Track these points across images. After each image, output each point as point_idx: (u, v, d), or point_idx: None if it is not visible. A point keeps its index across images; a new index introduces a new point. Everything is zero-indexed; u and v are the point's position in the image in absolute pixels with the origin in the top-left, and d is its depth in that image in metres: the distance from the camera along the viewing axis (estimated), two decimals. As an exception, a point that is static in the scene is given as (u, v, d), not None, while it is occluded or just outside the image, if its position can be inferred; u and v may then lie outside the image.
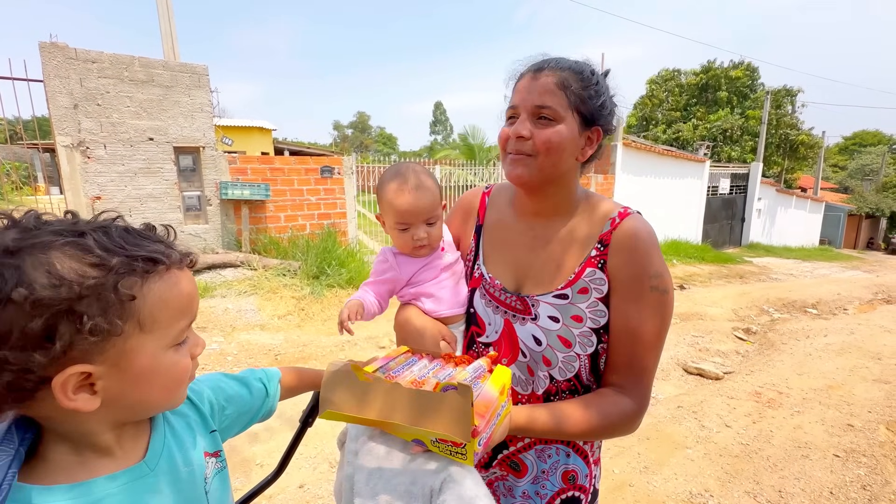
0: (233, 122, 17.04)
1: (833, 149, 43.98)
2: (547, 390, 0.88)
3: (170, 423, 0.63)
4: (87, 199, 5.21)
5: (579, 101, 0.81)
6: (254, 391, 0.79)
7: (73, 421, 0.49)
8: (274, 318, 4.83)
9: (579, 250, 0.86)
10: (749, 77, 26.21)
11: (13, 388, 0.43)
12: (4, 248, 0.43)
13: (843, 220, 22.78)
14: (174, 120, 5.66)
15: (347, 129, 67.06)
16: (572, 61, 0.84)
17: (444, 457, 0.69)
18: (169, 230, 0.57)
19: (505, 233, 0.96)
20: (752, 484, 2.46)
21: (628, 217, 0.86)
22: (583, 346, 0.85)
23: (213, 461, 0.66)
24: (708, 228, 13.74)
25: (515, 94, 0.85)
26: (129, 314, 0.47)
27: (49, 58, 4.92)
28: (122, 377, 0.49)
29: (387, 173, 0.96)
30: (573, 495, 0.92)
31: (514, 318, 0.89)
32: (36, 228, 0.46)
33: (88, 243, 0.46)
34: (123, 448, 0.55)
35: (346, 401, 0.69)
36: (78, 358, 0.45)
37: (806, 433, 2.99)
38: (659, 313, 0.81)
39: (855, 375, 3.99)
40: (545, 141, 0.80)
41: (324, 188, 7.01)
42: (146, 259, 0.48)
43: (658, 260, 0.83)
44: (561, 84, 0.80)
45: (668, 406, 3.34)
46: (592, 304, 0.84)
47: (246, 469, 2.38)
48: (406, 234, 0.93)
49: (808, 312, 6.42)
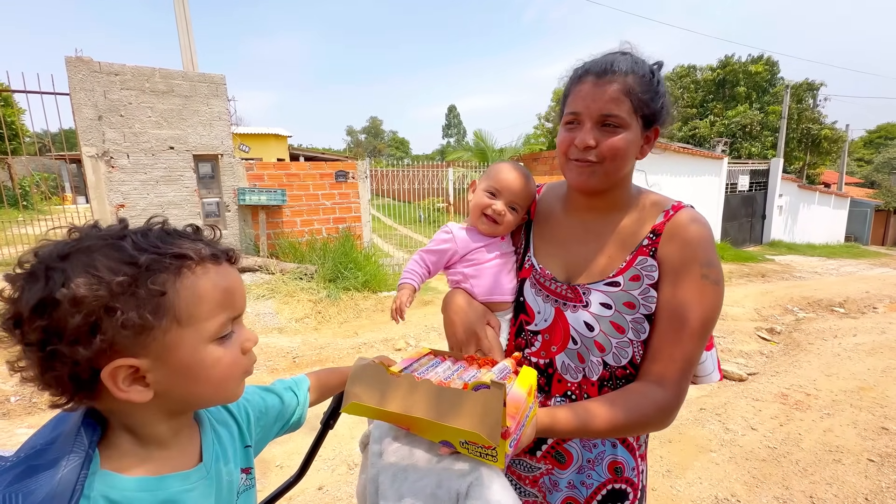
0: (249, 130, 17.38)
1: (858, 142, 42.48)
2: (601, 377, 0.87)
3: (216, 430, 0.64)
4: (111, 208, 5.38)
5: (643, 105, 0.80)
6: (286, 401, 0.80)
7: (133, 412, 0.53)
8: (291, 321, 4.89)
9: (631, 241, 0.87)
10: (769, 71, 25.58)
11: (74, 379, 0.48)
12: (59, 254, 0.47)
13: (871, 216, 21.94)
14: (193, 129, 5.81)
15: (361, 135, 67.76)
16: (632, 62, 0.81)
17: (472, 459, 0.67)
18: (214, 230, 0.60)
19: (556, 227, 0.98)
20: (781, 489, 2.38)
21: (683, 209, 0.87)
22: (636, 332, 0.84)
23: (244, 477, 0.66)
24: (727, 226, 13.41)
25: (577, 98, 0.83)
26: (163, 309, 0.49)
27: (74, 71, 5.11)
28: (169, 370, 0.51)
29: (506, 161, 1.07)
30: (621, 488, 0.90)
31: (565, 306, 0.89)
32: (88, 235, 0.50)
33: (124, 244, 0.49)
34: (180, 444, 0.58)
35: (371, 395, 0.68)
36: (122, 351, 0.48)
37: (837, 436, 2.88)
38: (708, 302, 0.80)
39: (888, 376, 3.83)
40: (612, 149, 0.81)
41: (339, 192, 7.09)
42: (175, 256, 0.50)
43: (712, 251, 0.82)
44: (626, 91, 0.79)
45: (690, 408, 3.26)
46: (644, 291, 0.84)
47: (265, 470, 2.41)
48: (489, 199, 0.98)
49: (836, 311, 6.20)
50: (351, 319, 5.16)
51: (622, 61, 0.81)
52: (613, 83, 0.79)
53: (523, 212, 1.00)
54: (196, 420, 0.62)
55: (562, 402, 0.90)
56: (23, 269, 0.48)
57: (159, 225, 0.55)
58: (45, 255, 0.48)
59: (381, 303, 5.70)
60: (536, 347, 0.93)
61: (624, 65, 0.80)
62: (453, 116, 62.05)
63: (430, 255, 1.02)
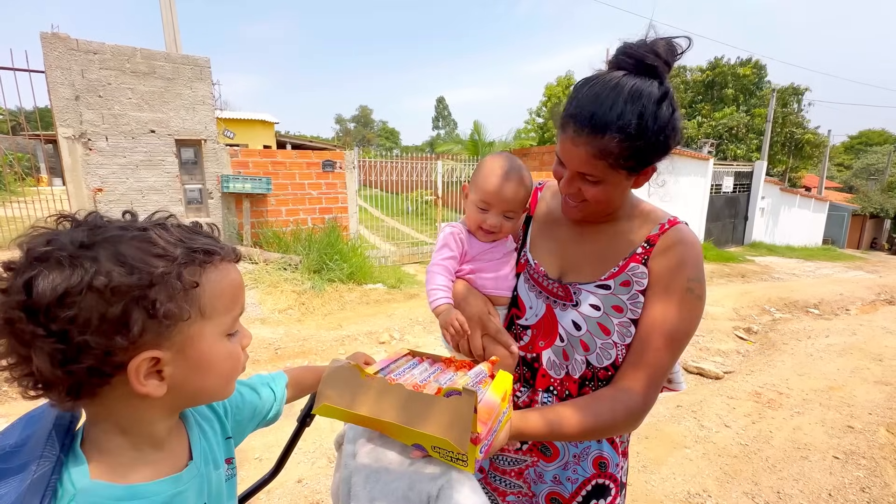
0: (235, 115, 16.97)
1: (839, 147, 43.59)
2: (583, 375, 0.90)
3: (201, 426, 0.65)
4: (88, 191, 5.21)
5: (623, 161, 0.77)
6: (263, 396, 0.80)
7: (137, 410, 0.52)
8: (275, 312, 4.83)
9: (626, 247, 0.89)
10: (756, 74, 25.98)
11: (93, 373, 0.46)
12: (80, 243, 0.45)
13: (847, 220, 22.63)
14: (176, 112, 5.64)
15: (350, 123, 66.90)
16: (615, 116, 0.73)
17: (444, 462, 0.68)
18: (213, 228, 0.60)
19: (553, 225, 1.00)
20: (750, 485, 2.46)
21: (679, 225, 0.90)
22: (621, 335, 0.87)
23: (226, 468, 0.67)
24: (711, 227, 13.68)
25: (560, 145, 0.82)
26: (192, 300, 0.50)
27: (50, 48, 4.90)
28: (186, 363, 0.51)
29: (494, 155, 0.99)
30: (604, 483, 0.92)
31: (556, 303, 0.92)
32: (102, 226, 0.49)
33: (152, 236, 0.49)
34: (172, 444, 0.58)
35: (342, 396, 0.68)
36: (150, 343, 0.47)
37: (806, 434, 2.98)
38: (689, 315, 0.83)
39: (856, 377, 3.98)
40: (593, 196, 0.83)
41: (325, 182, 7.00)
42: (204, 251, 0.52)
43: (700, 268, 0.86)
44: (599, 154, 0.76)
45: (667, 405, 3.34)
46: (633, 297, 0.86)
47: (246, 464, 2.39)
48: (482, 214, 0.96)
49: (810, 312, 6.40)
50: (335, 311, 5.12)
51: (605, 116, 0.73)
52: (588, 145, 0.76)
53: (521, 213, 0.99)
54: (181, 418, 0.62)
55: (546, 397, 0.92)
56: (28, 256, 0.45)
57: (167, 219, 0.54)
58: (64, 243, 0.45)
59: (366, 295, 5.67)
60: (525, 341, 0.96)
61: (605, 121, 0.73)
62: (442, 108, 61.60)
63: (449, 263, 0.97)
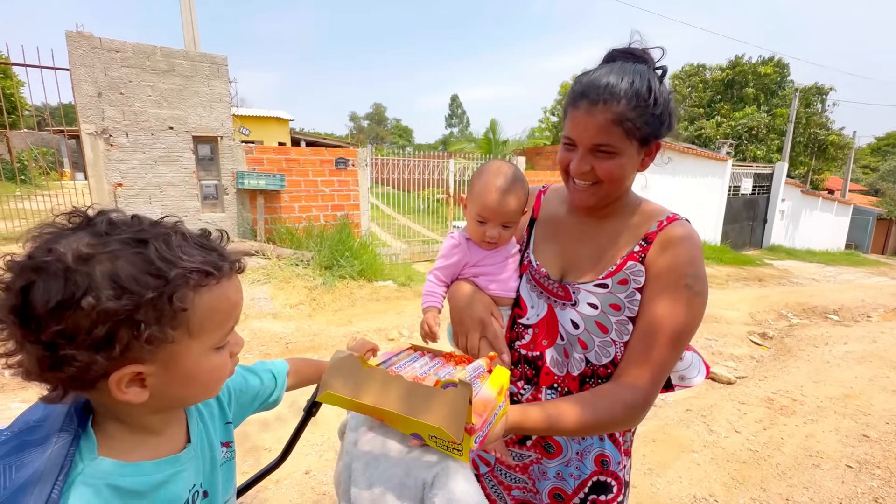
0: (251, 112, 17.25)
1: (865, 149, 42.18)
2: (583, 373, 0.91)
3: (200, 411, 0.68)
4: (109, 186, 5.36)
5: (636, 129, 0.80)
6: (265, 381, 0.84)
7: (125, 406, 0.54)
8: (286, 307, 4.91)
9: (624, 245, 0.90)
10: (778, 73, 25.31)
11: (76, 379, 0.49)
12: (79, 256, 0.46)
13: (872, 224, 21.89)
14: (193, 109, 5.76)
15: (364, 121, 67.29)
16: (627, 84, 0.79)
17: (440, 451, 0.70)
18: (223, 235, 0.60)
19: (556, 227, 1.01)
20: (758, 491, 2.42)
21: (677, 221, 0.89)
22: (619, 333, 0.88)
23: (225, 451, 0.70)
24: (728, 229, 13.41)
25: (571, 124, 0.84)
26: (180, 323, 0.51)
27: (75, 47, 5.05)
28: (170, 376, 0.53)
29: (488, 165, 0.99)
30: (605, 480, 0.94)
31: (556, 303, 0.94)
32: (107, 234, 0.49)
33: (150, 255, 0.49)
34: (171, 428, 0.61)
35: (346, 386, 0.71)
36: (133, 359, 0.49)
37: (818, 442, 2.92)
38: (688, 311, 0.82)
39: (874, 385, 3.87)
40: (607, 172, 0.83)
41: (338, 179, 7.06)
42: (200, 272, 0.51)
43: (699, 264, 0.85)
44: (618, 120, 0.79)
45: (676, 409, 3.31)
46: (630, 295, 0.87)
47: (256, 455, 2.45)
48: (481, 227, 0.98)
49: (829, 319, 6.24)
50: (346, 307, 5.19)
51: (615, 86, 0.79)
52: (605, 112, 0.79)
53: (519, 220, 1.00)
54: None
55: (550, 394, 0.93)
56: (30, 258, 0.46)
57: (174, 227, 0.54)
58: (63, 253, 0.45)
59: (376, 292, 5.72)
60: (526, 340, 0.97)
61: (617, 90, 0.78)
62: (456, 106, 61.49)
63: (443, 272, 1.03)
